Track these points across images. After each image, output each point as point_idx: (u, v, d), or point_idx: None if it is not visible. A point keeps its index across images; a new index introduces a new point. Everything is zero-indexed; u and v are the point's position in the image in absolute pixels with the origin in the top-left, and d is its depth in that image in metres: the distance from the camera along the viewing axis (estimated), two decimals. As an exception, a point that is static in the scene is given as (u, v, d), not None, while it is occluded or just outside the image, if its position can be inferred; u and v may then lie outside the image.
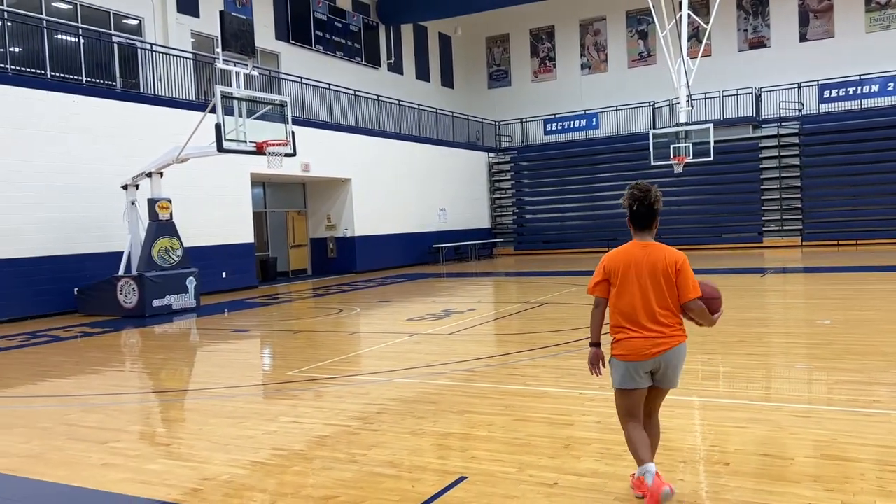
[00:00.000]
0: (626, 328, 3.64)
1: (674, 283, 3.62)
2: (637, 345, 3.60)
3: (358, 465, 4.50)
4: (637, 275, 3.62)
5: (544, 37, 31.53)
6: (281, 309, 14.74)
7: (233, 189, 18.19)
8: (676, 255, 3.68)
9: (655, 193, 3.68)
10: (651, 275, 3.61)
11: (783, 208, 25.85)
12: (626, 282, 3.64)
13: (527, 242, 30.31)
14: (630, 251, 3.70)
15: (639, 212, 3.67)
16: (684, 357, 3.72)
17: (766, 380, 6.55)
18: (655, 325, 3.60)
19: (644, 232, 3.72)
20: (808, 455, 4.32)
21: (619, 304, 3.66)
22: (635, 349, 3.60)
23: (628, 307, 3.63)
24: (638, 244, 3.71)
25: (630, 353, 3.61)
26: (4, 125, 13.39)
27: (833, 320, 9.38)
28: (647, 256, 3.65)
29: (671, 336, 3.61)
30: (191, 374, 8.47)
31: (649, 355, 3.59)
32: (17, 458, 5.01)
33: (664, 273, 3.61)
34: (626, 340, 3.64)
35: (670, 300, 3.64)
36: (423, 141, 26.32)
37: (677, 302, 3.66)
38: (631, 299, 3.63)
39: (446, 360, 8.03)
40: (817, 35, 26.60)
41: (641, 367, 3.62)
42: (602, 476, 4.08)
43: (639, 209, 3.67)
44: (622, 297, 3.65)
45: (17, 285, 13.52)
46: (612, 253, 3.76)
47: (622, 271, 3.66)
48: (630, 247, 3.72)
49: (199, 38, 20.40)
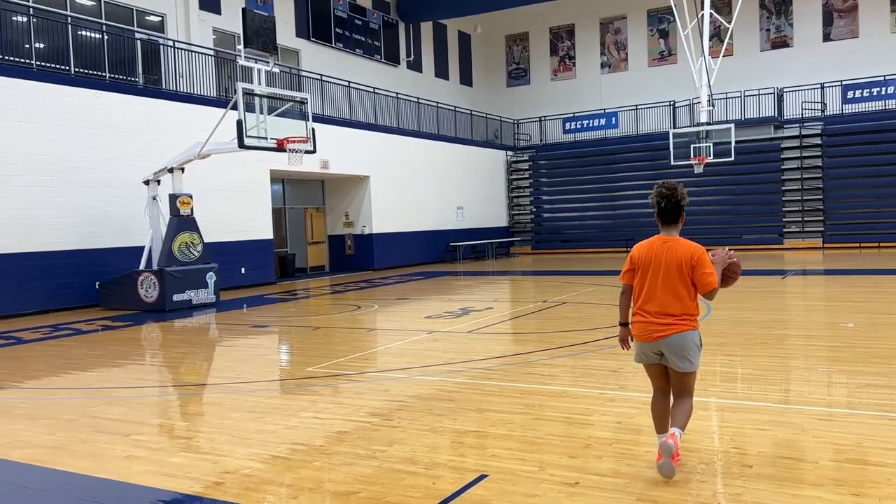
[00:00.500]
0: (638, 312, 4.10)
1: (689, 277, 3.96)
2: (642, 328, 4.06)
3: (378, 461, 4.52)
4: (655, 267, 4.01)
5: (564, 35, 31.41)
6: (299, 305, 14.82)
7: (253, 185, 18.31)
8: (693, 250, 3.97)
9: (682, 191, 4.05)
10: (667, 268, 3.97)
11: (804, 209, 25.60)
12: (645, 272, 4.06)
13: (544, 241, 30.23)
14: (653, 245, 4.09)
15: (666, 208, 4.05)
16: (688, 345, 3.99)
17: (788, 382, 6.50)
18: (661, 312, 3.98)
19: (670, 227, 4.09)
20: (831, 459, 4.29)
21: (638, 289, 4.11)
22: (641, 332, 4.07)
23: (642, 294, 4.06)
24: (661, 238, 4.09)
25: (638, 334, 4.10)
26: (29, 120, 13.57)
27: (856, 323, 9.28)
28: (667, 251, 4.01)
29: (673, 325, 3.96)
30: (211, 369, 8.54)
31: (651, 339, 4.02)
32: (43, 450, 5.08)
33: (679, 268, 3.95)
34: (636, 323, 4.11)
35: (684, 291, 3.98)
36: (442, 139, 26.33)
37: (692, 293, 4.00)
38: (646, 287, 4.04)
39: (465, 357, 8.04)
40: (841, 35, 26.29)
41: (648, 347, 4.06)
42: (624, 476, 4.07)
43: (666, 206, 4.04)
44: (640, 284, 4.09)
45: (40, 278, 13.70)
46: (639, 245, 4.18)
47: (643, 262, 4.08)
48: (654, 240, 4.11)
49: (221, 35, 20.54)
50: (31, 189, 13.59)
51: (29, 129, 13.57)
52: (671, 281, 3.95)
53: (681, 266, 3.93)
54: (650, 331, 4.00)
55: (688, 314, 3.98)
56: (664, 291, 3.97)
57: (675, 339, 3.96)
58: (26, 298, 13.53)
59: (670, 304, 3.96)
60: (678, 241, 4.03)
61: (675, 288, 3.95)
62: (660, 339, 3.97)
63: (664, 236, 4.08)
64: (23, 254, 13.46)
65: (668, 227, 4.08)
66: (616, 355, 7.74)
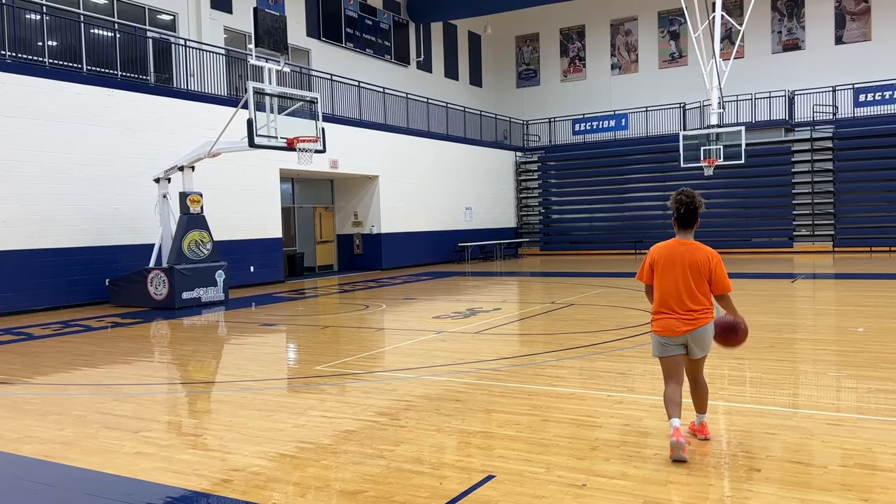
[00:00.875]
0: (661, 311, 4.49)
1: (705, 277, 4.41)
2: (670, 324, 4.44)
3: (386, 460, 4.53)
4: (676, 266, 4.42)
5: (574, 36, 31.38)
6: (307, 304, 14.86)
7: (262, 184, 18.37)
8: (710, 253, 4.44)
9: (699, 199, 4.46)
10: (687, 268, 4.40)
11: (815, 213, 25.47)
12: (666, 271, 4.46)
13: (553, 243, 30.20)
14: (672, 246, 4.50)
15: (685, 214, 4.44)
16: (708, 335, 4.48)
17: (797, 386, 6.47)
18: (686, 309, 4.41)
19: (686, 231, 4.50)
20: (840, 463, 4.27)
21: (660, 288, 4.49)
22: (669, 327, 4.44)
23: (666, 292, 4.46)
24: (679, 241, 4.50)
25: (664, 329, 4.46)
26: (41, 117, 13.66)
27: (866, 328, 9.23)
28: (686, 252, 4.44)
29: (697, 319, 4.41)
30: (220, 367, 8.57)
31: (679, 332, 4.42)
32: (53, 445, 5.12)
33: (698, 268, 4.40)
34: (660, 320, 4.48)
35: (704, 289, 4.43)
36: (451, 139, 26.34)
37: (708, 292, 4.45)
38: (669, 285, 4.45)
39: (472, 358, 8.04)
40: (854, 38, 26.15)
41: (673, 340, 4.45)
42: (632, 479, 4.07)
43: (685, 212, 4.43)
44: (662, 283, 4.47)
45: (51, 275, 13.79)
46: (658, 246, 4.58)
47: (664, 262, 4.48)
48: (673, 243, 4.51)
49: (232, 35, 20.62)
50: (42, 186, 13.69)
51: (41, 127, 13.66)
52: (692, 280, 4.40)
53: (700, 267, 4.38)
54: (677, 326, 4.41)
55: (706, 308, 4.45)
56: (686, 289, 4.40)
57: (700, 332, 4.42)
58: (37, 295, 13.62)
59: (694, 301, 4.40)
60: (695, 244, 4.46)
61: (696, 286, 4.40)
62: (687, 333, 4.40)
63: (681, 239, 4.48)
64: (34, 250, 13.55)
65: (685, 231, 4.49)
66: (624, 357, 7.73)
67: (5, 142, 13.15)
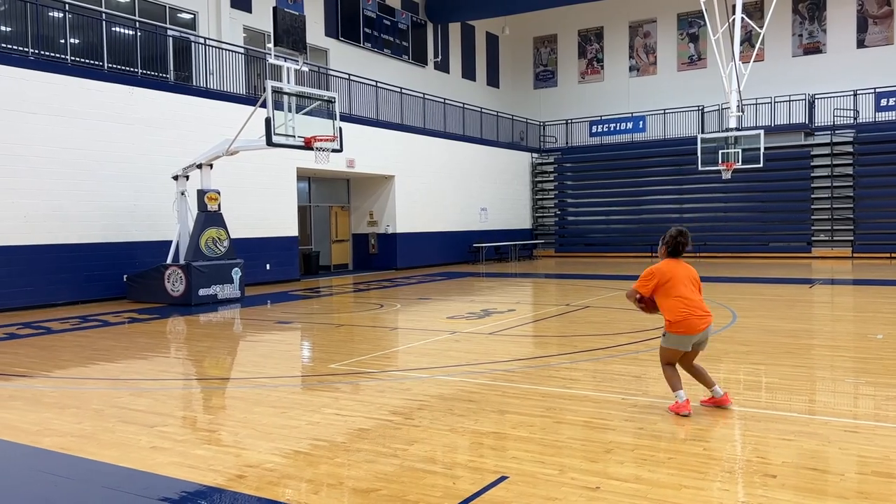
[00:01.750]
0: (689, 313, 5.38)
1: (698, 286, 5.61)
2: (694, 323, 5.39)
3: (399, 459, 4.54)
4: (684, 280, 5.50)
5: (593, 38, 31.27)
6: (322, 302, 14.92)
7: (279, 183, 18.46)
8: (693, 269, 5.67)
9: (689, 237, 5.59)
10: (690, 280, 5.54)
11: (834, 218, 25.22)
12: (677, 284, 5.47)
13: (568, 245, 30.11)
14: (673, 265, 5.57)
15: (677, 248, 5.58)
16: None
17: (814, 392, 6.41)
18: (703, 310, 5.46)
19: (678, 257, 5.61)
20: (857, 471, 4.23)
21: (680, 297, 5.41)
22: (693, 326, 5.39)
23: (686, 300, 5.41)
24: (675, 261, 5.60)
25: (689, 329, 5.39)
26: (62, 114, 13.82)
27: (885, 335, 9.13)
28: (684, 269, 5.58)
29: (707, 317, 5.47)
30: (235, 363, 8.62)
31: (700, 329, 5.42)
32: (71, 438, 5.18)
33: (697, 280, 5.60)
34: (689, 319, 5.38)
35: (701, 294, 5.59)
36: (467, 140, 26.34)
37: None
38: (686, 293, 5.44)
39: (486, 359, 8.04)
40: (876, 41, 25.88)
41: (692, 338, 5.43)
42: (645, 482, 4.05)
43: (677, 247, 5.57)
44: (679, 294, 5.42)
45: (69, 270, 13.94)
46: (660, 265, 5.57)
47: (673, 278, 5.49)
48: (671, 262, 5.59)
49: (251, 34, 20.75)
50: (63, 182, 13.84)
51: (62, 123, 13.82)
52: (695, 288, 5.55)
53: (697, 279, 5.61)
54: (698, 324, 5.40)
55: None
56: (696, 295, 5.50)
57: (711, 328, 5.55)
58: (56, 289, 13.78)
59: (703, 304, 5.51)
60: (684, 262, 5.64)
61: (698, 292, 5.56)
62: (704, 329, 5.44)
63: (675, 259, 5.58)
64: (54, 245, 13.71)
65: (677, 257, 5.61)
66: (639, 361, 7.70)
67: (27, 138, 13.32)
